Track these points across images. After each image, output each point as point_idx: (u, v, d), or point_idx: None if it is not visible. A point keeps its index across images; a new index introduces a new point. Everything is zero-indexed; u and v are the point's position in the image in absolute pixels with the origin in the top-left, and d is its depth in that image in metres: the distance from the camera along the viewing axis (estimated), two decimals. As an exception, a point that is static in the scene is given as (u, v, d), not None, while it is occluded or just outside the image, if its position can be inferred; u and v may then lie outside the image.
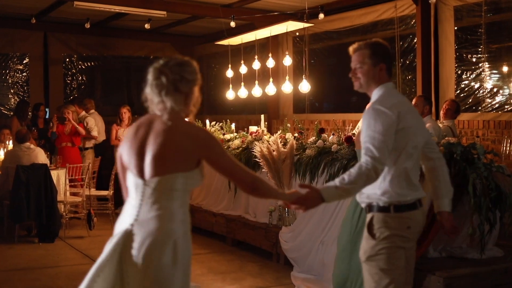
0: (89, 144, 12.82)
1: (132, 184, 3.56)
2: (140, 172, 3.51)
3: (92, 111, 13.37)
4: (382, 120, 4.08)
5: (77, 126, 12.10)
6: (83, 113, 13.00)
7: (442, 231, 4.35)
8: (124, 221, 3.55)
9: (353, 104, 13.56)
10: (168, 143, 3.46)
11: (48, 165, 10.40)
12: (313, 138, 8.91)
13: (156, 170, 3.46)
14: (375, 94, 4.29)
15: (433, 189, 4.46)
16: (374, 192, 4.19)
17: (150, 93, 3.57)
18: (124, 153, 3.60)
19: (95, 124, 12.81)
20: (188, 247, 3.59)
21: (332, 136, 8.60)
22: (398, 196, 4.15)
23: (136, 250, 3.45)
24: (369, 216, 4.26)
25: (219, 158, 3.56)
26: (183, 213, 3.56)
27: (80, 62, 16.31)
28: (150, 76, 3.58)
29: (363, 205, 4.34)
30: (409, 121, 4.19)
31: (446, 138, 7.26)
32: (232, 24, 11.37)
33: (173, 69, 3.54)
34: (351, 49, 4.42)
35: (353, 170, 3.99)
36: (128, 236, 3.48)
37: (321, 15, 10.03)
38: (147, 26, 12.93)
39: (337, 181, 4.00)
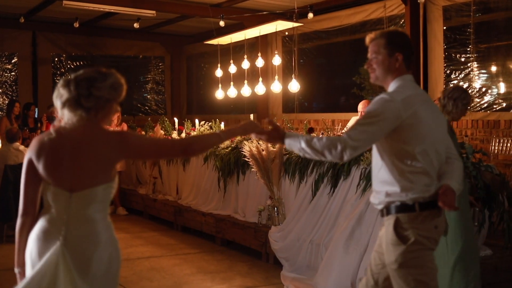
0: None
1: (53, 197, 3.48)
2: (64, 185, 3.44)
3: None
4: (384, 108, 3.88)
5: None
6: None
7: (440, 200, 3.86)
8: (48, 237, 3.44)
9: (342, 104, 13.59)
10: (89, 154, 3.42)
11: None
12: (302, 137, 8.87)
13: (82, 182, 3.41)
14: (391, 88, 4.06)
15: (444, 174, 4.02)
16: (393, 189, 3.95)
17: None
18: (41, 166, 3.49)
19: None
20: (119, 253, 3.59)
21: (321, 135, 8.59)
22: (422, 192, 3.89)
23: (75, 266, 3.38)
24: (391, 218, 3.97)
25: (139, 144, 3.52)
26: (107, 221, 3.55)
27: (69, 62, 16.28)
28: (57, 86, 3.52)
29: (379, 207, 4.05)
30: (423, 115, 3.91)
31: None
32: (222, 23, 11.37)
33: (80, 84, 3.44)
34: (367, 38, 4.15)
35: (325, 138, 3.83)
36: (60, 253, 3.39)
37: (310, 15, 10.04)
38: (136, 25, 12.92)
39: (305, 137, 3.89)
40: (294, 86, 10.95)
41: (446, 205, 3.81)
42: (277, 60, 11.43)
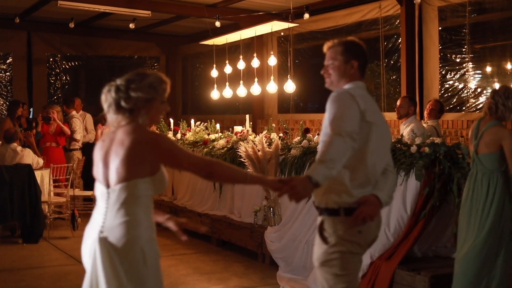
0: (74, 145, 12.73)
1: (98, 192, 3.64)
2: (105, 181, 3.59)
3: (81, 112, 13.27)
4: (349, 103, 4.02)
5: (63, 126, 12.05)
6: (74, 112, 12.90)
7: (358, 211, 3.98)
8: (93, 228, 3.60)
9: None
10: (124, 151, 3.52)
11: (37, 167, 10.33)
12: (298, 138, 8.90)
13: (118, 177, 3.53)
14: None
15: (376, 184, 4.15)
16: (324, 193, 4.09)
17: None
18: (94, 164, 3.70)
19: (80, 126, 12.72)
20: (155, 252, 3.62)
21: (317, 136, 8.60)
22: (348, 198, 4.02)
23: (104, 258, 3.50)
24: (319, 219, 4.16)
25: (169, 150, 3.58)
26: (147, 219, 3.59)
27: (64, 62, 16.26)
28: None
29: (315, 205, 4.22)
30: (376, 119, 4.09)
31: (431, 138, 7.28)
32: (217, 24, 11.37)
33: (120, 87, 3.63)
34: (325, 46, 4.33)
35: (326, 146, 3.86)
36: (97, 243, 3.53)
37: (306, 15, 10.04)
38: (131, 25, 12.91)
39: (320, 163, 3.81)
40: (290, 86, 10.96)
41: (362, 215, 3.96)
42: (272, 61, 11.42)
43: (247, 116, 11.55)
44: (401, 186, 6.91)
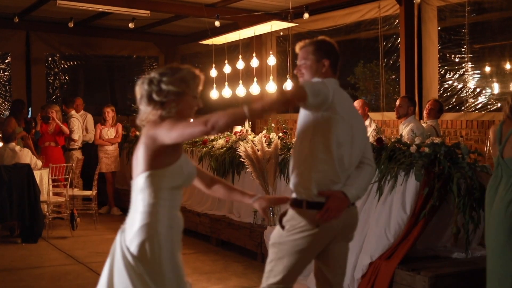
0: (73, 145, 12.71)
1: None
2: (133, 174, 3.71)
3: (82, 112, 13.24)
4: (320, 85, 4.13)
5: (62, 126, 12.03)
6: (73, 112, 12.90)
7: (324, 207, 4.12)
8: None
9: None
10: (139, 145, 3.63)
11: (35, 167, 10.31)
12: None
13: (136, 171, 3.64)
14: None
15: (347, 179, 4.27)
16: (296, 184, 4.26)
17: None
18: None
19: (78, 126, 12.71)
20: (169, 244, 3.67)
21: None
22: (312, 191, 4.17)
23: (119, 248, 3.64)
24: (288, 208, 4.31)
25: (167, 131, 3.55)
26: (163, 212, 3.64)
27: (62, 61, 16.24)
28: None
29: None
30: (343, 112, 4.17)
31: (430, 138, 7.28)
32: (217, 23, 11.34)
33: (152, 80, 3.67)
34: (297, 47, 4.45)
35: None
36: (120, 234, 3.69)
37: (306, 15, 10.03)
38: (131, 25, 12.86)
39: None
40: (290, 86, 10.95)
41: (329, 213, 4.10)
42: (272, 60, 11.41)
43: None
44: (400, 186, 6.92)
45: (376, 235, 6.99)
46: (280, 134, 9.42)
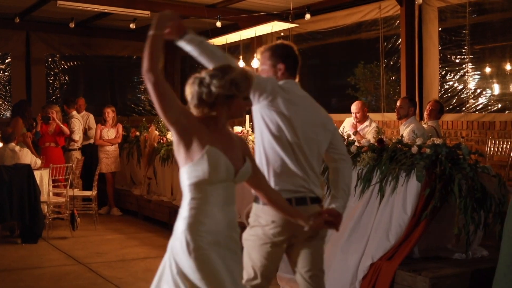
0: (73, 146, 12.70)
1: None
2: None
3: (84, 112, 13.20)
4: (263, 79, 4.31)
5: (62, 126, 12.02)
6: (74, 112, 12.89)
7: (325, 224, 4.29)
8: None
9: (336, 104, 13.60)
10: None
11: (35, 167, 10.31)
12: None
13: None
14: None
15: (332, 190, 4.47)
16: None
17: None
18: None
19: (79, 127, 12.71)
20: (202, 243, 3.58)
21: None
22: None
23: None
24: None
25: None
26: (199, 208, 3.62)
27: (62, 62, 16.22)
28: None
29: None
30: (291, 113, 4.28)
31: (432, 138, 7.27)
32: (218, 24, 11.33)
33: (203, 81, 3.68)
34: (257, 53, 4.65)
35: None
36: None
37: (308, 16, 10.01)
38: (132, 26, 12.84)
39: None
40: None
41: (333, 227, 4.36)
42: (273, 61, 11.39)
43: (247, 116, 11.52)
44: (402, 187, 6.90)
45: (377, 236, 6.97)
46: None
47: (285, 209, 4.07)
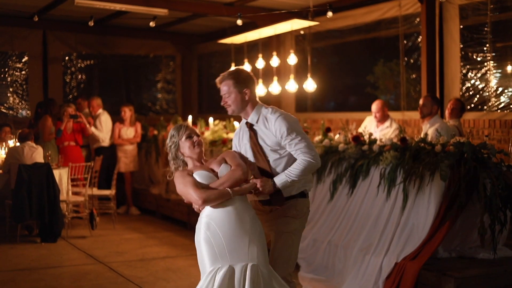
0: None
1: None
2: None
3: (100, 110, 13.14)
4: (296, 122, 4.99)
5: (87, 124, 12.02)
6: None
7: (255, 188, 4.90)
8: None
9: (355, 103, 13.52)
10: None
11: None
12: (319, 137, 8.84)
13: None
14: (257, 113, 5.00)
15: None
16: None
17: None
18: None
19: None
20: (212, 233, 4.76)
21: (338, 135, 8.54)
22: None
23: None
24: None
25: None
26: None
27: (79, 61, 16.21)
28: None
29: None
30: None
31: (456, 137, 7.20)
32: (239, 22, 11.22)
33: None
34: (217, 80, 5.07)
35: (297, 163, 4.86)
36: None
37: (330, 13, 9.89)
38: (152, 24, 12.66)
39: (288, 171, 4.88)
40: (310, 85, 10.88)
41: (258, 192, 4.91)
42: (292, 59, 11.33)
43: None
44: (426, 187, 6.83)
45: (401, 235, 6.92)
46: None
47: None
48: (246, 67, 12.09)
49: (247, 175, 4.90)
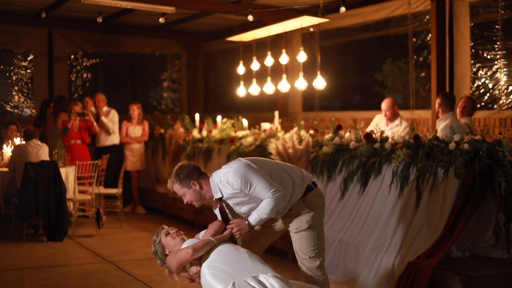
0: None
1: None
2: None
3: (106, 107, 13.03)
4: (246, 169, 5.11)
5: (94, 122, 11.95)
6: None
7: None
8: None
9: (363, 102, 13.44)
10: None
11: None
12: (329, 135, 8.77)
13: None
14: (214, 187, 5.19)
15: None
16: None
17: None
18: None
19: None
20: None
21: (348, 133, 8.46)
22: None
23: None
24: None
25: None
26: None
27: (84, 59, 16.15)
28: None
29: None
30: None
31: (470, 135, 7.12)
32: (250, 18, 11.08)
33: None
34: (168, 187, 5.35)
35: (265, 202, 5.10)
36: None
37: (343, 9, 9.76)
38: (161, 20, 12.48)
39: (259, 209, 5.15)
40: (319, 83, 10.80)
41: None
42: (302, 57, 11.22)
43: (276, 112, 11.43)
44: (440, 185, 6.75)
45: (414, 234, 6.84)
46: (312, 132, 9.26)
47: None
48: (255, 65, 12.01)
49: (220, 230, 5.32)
